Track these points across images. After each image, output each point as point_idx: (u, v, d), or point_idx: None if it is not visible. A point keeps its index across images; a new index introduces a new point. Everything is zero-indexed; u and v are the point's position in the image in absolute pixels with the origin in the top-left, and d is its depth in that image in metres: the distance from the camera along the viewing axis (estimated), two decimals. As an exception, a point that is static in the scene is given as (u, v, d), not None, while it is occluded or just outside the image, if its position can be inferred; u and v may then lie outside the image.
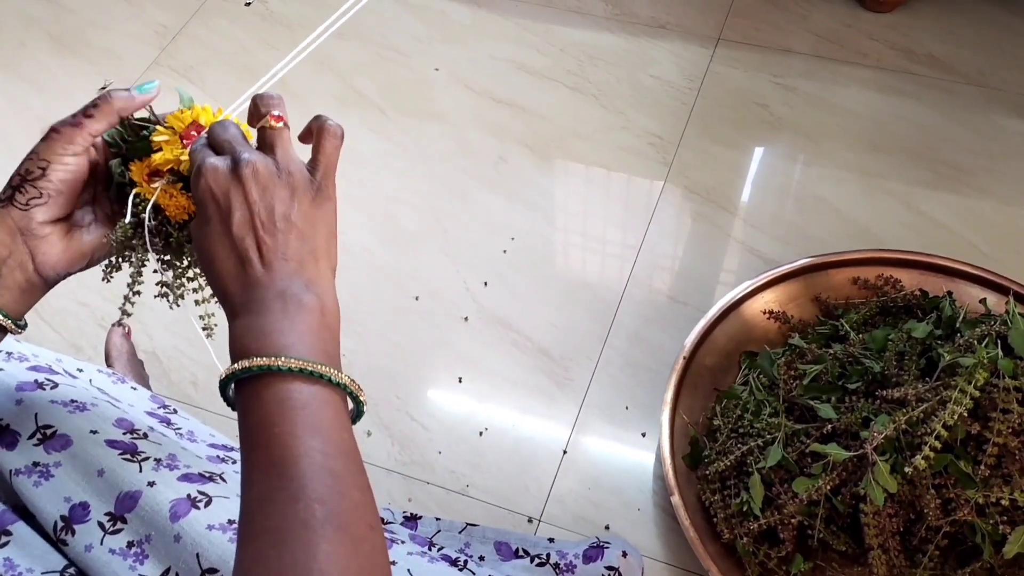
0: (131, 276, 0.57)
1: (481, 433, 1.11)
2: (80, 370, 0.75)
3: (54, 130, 0.52)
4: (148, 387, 1.10)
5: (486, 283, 1.24)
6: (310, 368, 0.45)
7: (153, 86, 0.53)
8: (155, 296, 0.58)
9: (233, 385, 0.47)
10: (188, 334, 1.21)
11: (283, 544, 0.41)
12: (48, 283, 0.53)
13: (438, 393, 1.15)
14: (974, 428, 0.83)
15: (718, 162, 1.35)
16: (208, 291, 0.58)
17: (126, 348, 1.12)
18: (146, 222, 0.54)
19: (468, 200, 1.34)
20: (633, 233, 1.28)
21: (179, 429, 0.75)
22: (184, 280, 0.58)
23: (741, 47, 1.50)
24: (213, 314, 0.58)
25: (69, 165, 0.52)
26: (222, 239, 0.48)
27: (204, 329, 0.58)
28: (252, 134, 0.54)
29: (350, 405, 0.49)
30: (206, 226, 0.49)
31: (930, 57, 1.45)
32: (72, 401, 0.63)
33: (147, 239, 0.54)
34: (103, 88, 0.54)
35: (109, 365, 1.09)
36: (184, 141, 0.54)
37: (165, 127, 0.54)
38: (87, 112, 0.52)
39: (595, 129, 1.41)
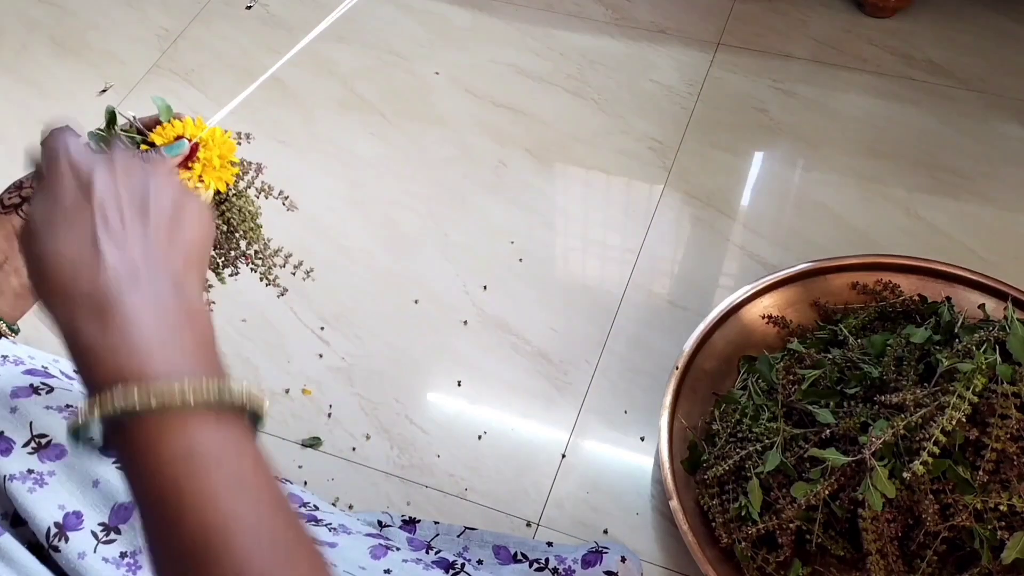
0: None
1: (480, 437, 1.11)
2: (77, 371, 0.75)
3: None
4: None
5: (485, 287, 1.24)
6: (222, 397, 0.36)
7: (184, 146, 0.53)
8: None
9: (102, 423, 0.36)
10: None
11: None
12: None
13: (437, 396, 1.15)
14: (972, 434, 0.83)
15: (717, 167, 1.35)
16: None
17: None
18: None
19: (468, 204, 1.34)
20: (632, 237, 1.28)
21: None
22: None
23: (741, 52, 1.50)
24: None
25: None
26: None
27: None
28: (234, 150, 0.55)
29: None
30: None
31: (929, 63, 1.45)
32: (67, 406, 0.62)
33: None
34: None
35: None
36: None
37: (148, 142, 0.55)
38: None
39: (595, 133, 1.41)
